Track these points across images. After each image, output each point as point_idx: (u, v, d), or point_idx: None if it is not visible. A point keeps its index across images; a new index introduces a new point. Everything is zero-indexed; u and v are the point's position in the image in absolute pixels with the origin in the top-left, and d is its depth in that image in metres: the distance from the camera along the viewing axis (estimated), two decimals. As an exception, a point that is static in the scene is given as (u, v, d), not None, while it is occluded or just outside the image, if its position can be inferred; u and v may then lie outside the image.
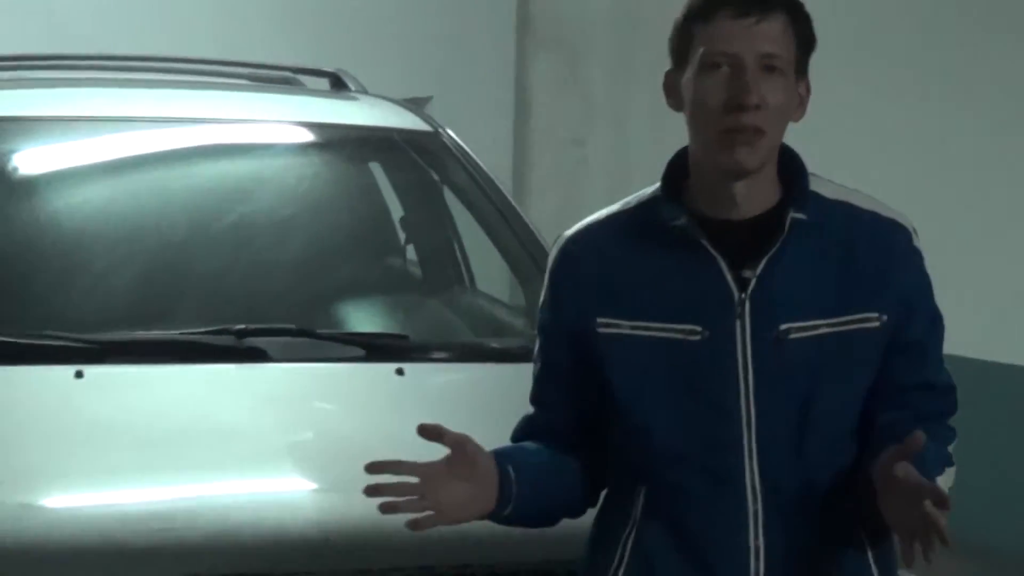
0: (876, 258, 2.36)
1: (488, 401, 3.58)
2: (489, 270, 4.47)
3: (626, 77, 8.32)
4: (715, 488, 2.35)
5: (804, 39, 2.35)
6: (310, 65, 5.04)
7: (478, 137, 4.65)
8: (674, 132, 2.45)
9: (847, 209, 2.39)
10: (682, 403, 2.36)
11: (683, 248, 2.35)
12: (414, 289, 4.49)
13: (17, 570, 2.70)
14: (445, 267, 4.59)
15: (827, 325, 2.33)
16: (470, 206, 4.38)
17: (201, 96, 4.62)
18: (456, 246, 4.59)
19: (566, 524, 2.75)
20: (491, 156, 4.79)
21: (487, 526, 2.91)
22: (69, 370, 3.36)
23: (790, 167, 2.39)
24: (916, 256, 2.41)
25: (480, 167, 4.37)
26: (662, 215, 2.37)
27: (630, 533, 2.42)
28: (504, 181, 4.56)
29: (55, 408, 3.28)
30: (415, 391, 3.53)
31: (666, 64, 2.44)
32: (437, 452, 3.28)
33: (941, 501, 2.13)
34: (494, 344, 4.05)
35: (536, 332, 2.58)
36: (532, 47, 8.20)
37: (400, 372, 3.54)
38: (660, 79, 2.43)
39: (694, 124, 2.34)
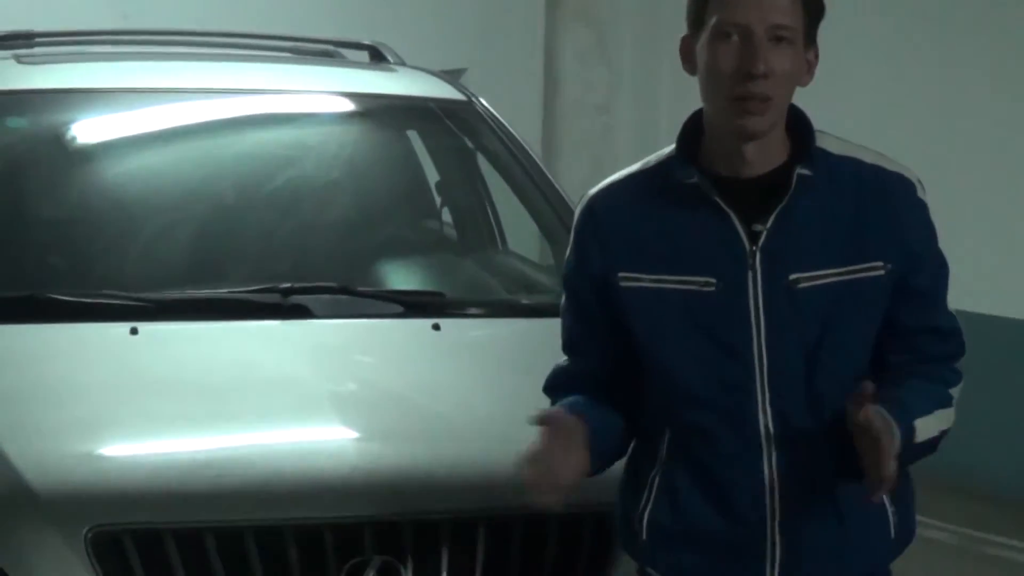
0: (881, 210, 2.37)
1: (519, 354, 3.61)
2: (520, 231, 4.47)
3: (651, 48, 8.29)
4: (730, 428, 2.38)
5: (813, 9, 2.34)
6: (350, 39, 5.03)
7: (510, 106, 4.64)
8: (696, 100, 2.44)
9: (853, 164, 2.39)
10: (699, 349, 2.38)
11: (698, 204, 2.36)
12: (449, 249, 4.48)
13: (80, 513, 2.71)
14: (478, 229, 4.58)
15: (835, 274, 2.35)
16: (502, 171, 4.37)
17: (248, 68, 4.61)
18: (489, 209, 4.58)
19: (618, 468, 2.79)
20: (522, 124, 4.79)
21: (512, 472, 2.96)
22: (125, 327, 3.37)
23: (798, 125, 2.40)
24: (920, 207, 2.41)
25: (512, 134, 4.36)
26: (677, 174, 2.39)
27: (657, 474, 2.45)
28: (534, 147, 4.55)
29: (112, 363, 3.30)
30: (450, 345, 3.53)
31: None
32: (470, 399, 3.30)
33: (882, 447, 2.19)
34: (525, 301, 4.05)
35: (562, 286, 2.58)
36: (561, 20, 8.18)
37: (436, 327, 3.54)
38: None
39: (706, 89, 2.36)
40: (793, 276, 2.34)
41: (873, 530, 2.41)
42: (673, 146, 2.44)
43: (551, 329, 3.75)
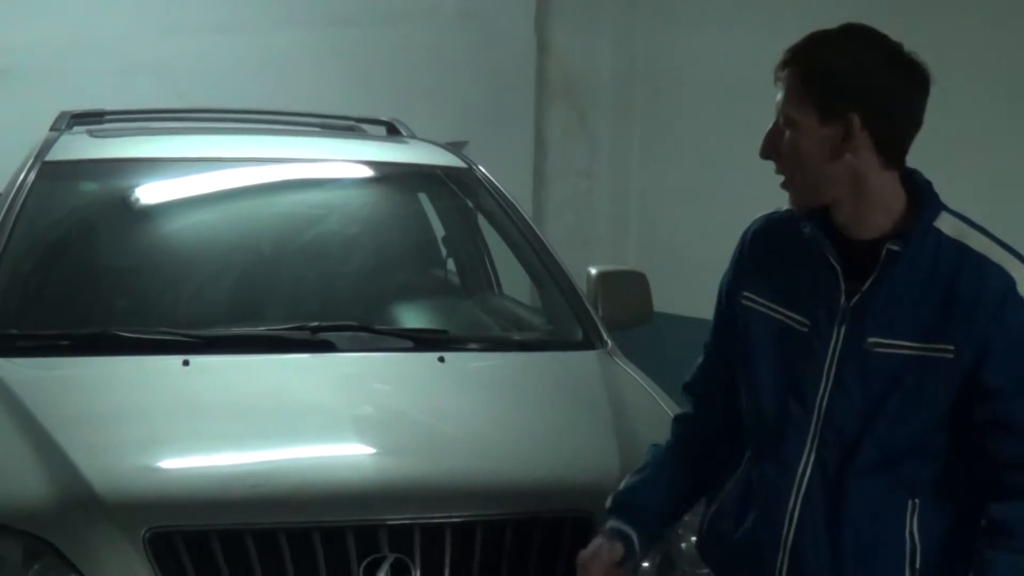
0: (969, 296, 2.13)
1: (512, 382, 3.64)
2: (513, 278, 4.48)
3: (624, 124, 8.29)
4: (777, 458, 2.29)
5: (814, 87, 2.16)
6: (370, 116, 5.07)
7: (504, 172, 4.65)
8: (666, 170, 2.45)
9: (960, 247, 2.16)
10: (778, 377, 2.31)
11: (817, 253, 2.26)
12: (453, 294, 4.49)
13: (139, 517, 2.71)
14: (477, 276, 4.59)
15: (909, 347, 2.16)
16: (498, 227, 4.37)
17: (284, 141, 4.66)
18: (486, 259, 4.60)
19: (594, 480, 2.87)
20: (514, 187, 4.80)
21: (520, 480, 2.96)
22: (178, 359, 3.38)
23: (920, 198, 2.22)
24: (1013, 301, 2.13)
25: (506, 196, 4.37)
26: (801, 223, 2.28)
27: (729, 482, 2.43)
28: (525, 207, 4.57)
29: (167, 389, 3.30)
30: (453, 374, 3.54)
31: (658, 115, 2.46)
32: (471, 420, 3.31)
33: None
34: (517, 337, 4.05)
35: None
36: (549, 100, 8.20)
37: (441, 359, 3.54)
38: (655, 128, 2.44)
39: None
40: (872, 339, 2.19)
41: None
42: None
43: (539, 361, 3.81)
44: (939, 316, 2.15)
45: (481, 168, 4.47)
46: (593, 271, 4.04)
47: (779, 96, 2.20)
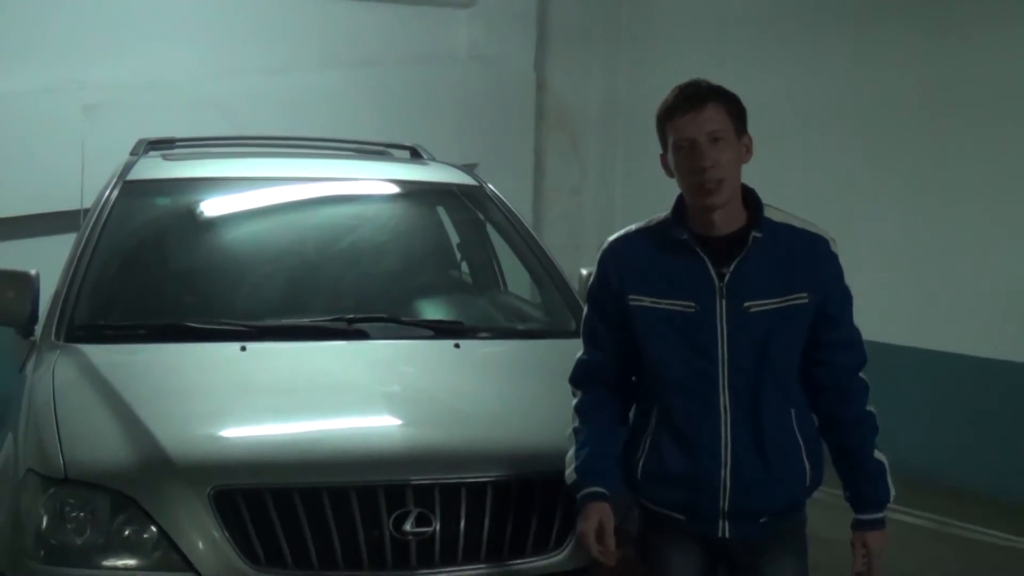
0: (805, 259, 2.51)
1: (516, 365, 3.64)
2: (517, 278, 4.48)
3: (610, 149, 8.31)
4: (700, 404, 2.52)
5: (735, 112, 2.48)
6: (396, 142, 5.07)
7: (509, 190, 4.65)
8: (644, 188, 2.58)
9: (788, 228, 2.54)
10: (681, 350, 2.52)
11: (685, 253, 2.53)
12: (466, 291, 4.49)
13: (205, 477, 2.72)
14: (487, 276, 4.58)
15: (774, 303, 2.49)
16: (504, 236, 4.37)
17: (324, 162, 4.65)
18: (494, 262, 4.59)
19: None
20: (517, 202, 4.81)
21: (524, 446, 2.95)
22: (236, 346, 3.39)
23: (751, 200, 2.54)
24: (832, 257, 2.53)
25: (511, 209, 4.37)
26: (672, 232, 2.55)
27: (647, 436, 2.59)
28: (526, 219, 4.57)
29: (227, 371, 3.30)
30: (467, 358, 3.53)
31: (637, 141, 2.57)
32: (482, 396, 3.30)
33: None
34: (520, 327, 4.07)
35: (585, 301, 2.75)
36: (546, 129, 8.22)
37: (457, 346, 3.55)
38: (635, 152, 2.58)
39: (681, 183, 2.52)
40: (747, 303, 2.48)
41: (792, 475, 2.54)
42: (667, 213, 2.59)
43: (539, 347, 3.81)
44: (788, 276, 2.49)
45: (489, 186, 4.46)
46: (584, 272, 4.03)
47: (700, 123, 2.44)
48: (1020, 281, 5.85)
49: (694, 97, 2.46)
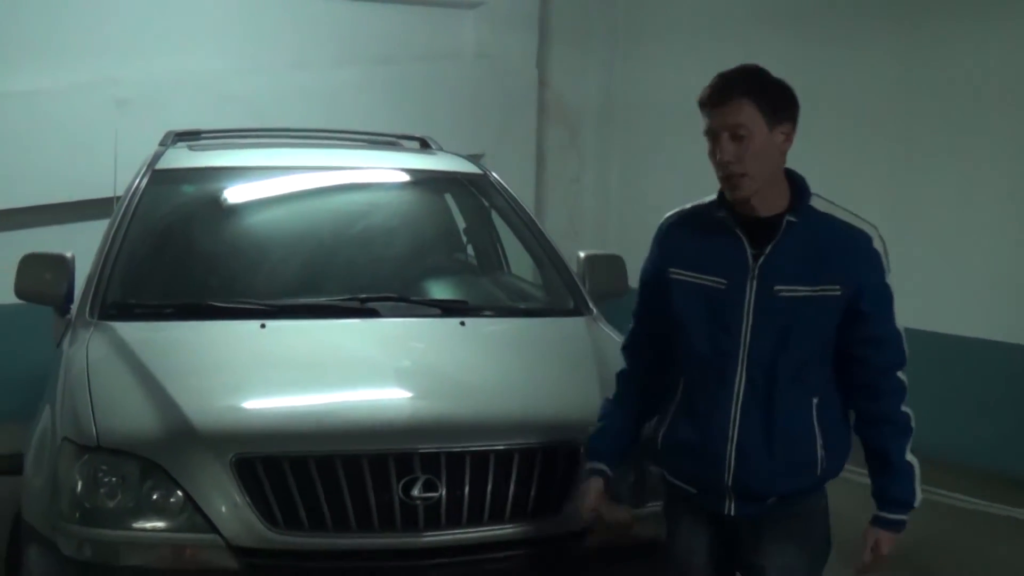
0: (842, 252, 2.34)
1: (518, 341, 3.61)
2: (519, 261, 4.46)
3: (606, 141, 8.29)
4: (717, 381, 2.40)
5: (764, 104, 2.30)
6: (407, 133, 5.04)
7: (512, 178, 4.64)
8: (638, 177, 2.48)
9: (830, 219, 2.37)
10: (708, 324, 2.41)
11: (725, 232, 2.39)
12: (471, 272, 4.47)
13: (227, 445, 2.71)
14: (491, 259, 4.56)
15: (804, 290, 2.33)
16: (507, 221, 4.34)
17: (339, 152, 4.62)
18: (498, 246, 4.57)
19: (581, 417, 2.86)
20: (520, 190, 4.78)
21: (524, 418, 2.94)
22: (256, 323, 3.37)
23: (798, 187, 2.39)
24: (872, 253, 2.36)
25: (513, 196, 4.34)
26: (715, 213, 2.42)
27: (671, 409, 2.52)
28: (528, 206, 4.55)
29: (247, 347, 3.29)
30: (472, 335, 3.51)
31: (632, 134, 2.48)
32: (485, 370, 3.29)
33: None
34: (522, 306, 4.04)
35: (639, 278, 2.63)
36: (547, 122, 8.19)
37: (463, 323, 3.54)
38: (630, 144, 2.48)
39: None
40: (777, 287, 2.34)
41: (799, 462, 2.39)
42: (714, 196, 2.45)
43: (539, 325, 3.80)
44: (824, 266, 2.33)
45: (494, 175, 4.43)
46: (582, 255, 4.03)
47: (721, 117, 2.31)
48: (994, 264, 5.81)
49: (719, 90, 2.32)
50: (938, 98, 6.03)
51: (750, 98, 2.30)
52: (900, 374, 2.39)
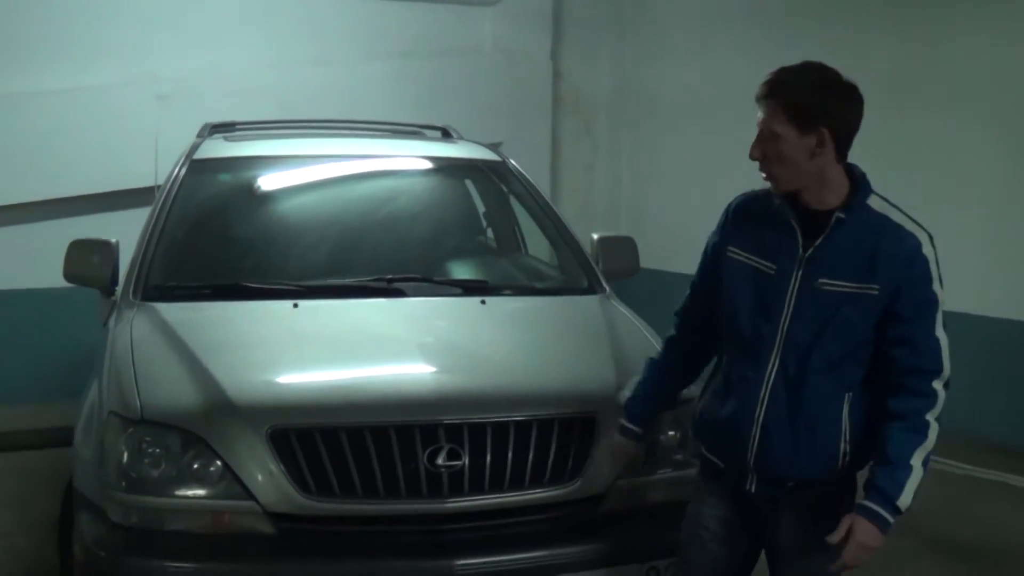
0: (887, 252, 2.22)
1: (535, 318, 3.59)
2: (536, 243, 4.44)
3: (618, 129, 8.26)
4: (752, 363, 2.34)
5: (792, 109, 2.21)
6: (429, 123, 5.02)
7: (529, 165, 4.61)
8: (648, 163, 2.42)
9: (883, 219, 2.25)
10: (752, 306, 2.36)
11: (782, 220, 2.31)
12: (491, 254, 4.44)
13: (262, 417, 2.71)
14: (509, 241, 4.54)
15: (846, 286, 2.23)
16: (524, 205, 4.32)
17: (366, 142, 4.60)
18: (516, 229, 4.54)
19: (596, 389, 2.91)
20: (536, 176, 4.76)
21: (542, 390, 2.92)
22: (289, 303, 3.36)
23: (857, 184, 2.28)
24: (919, 257, 2.22)
25: (530, 182, 4.32)
26: (774, 199, 2.33)
27: (710, 384, 2.49)
28: (544, 191, 4.52)
29: (281, 325, 3.28)
30: (492, 313, 3.49)
31: (642, 123, 2.42)
32: (504, 346, 3.27)
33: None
34: (538, 285, 4.02)
35: (703, 251, 2.55)
36: (562, 112, 8.17)
37: (483, 302, 3.51)
38: (640, 132, 2.42)
39: None
40: (820, 280, 2.25)
41: (821, 452, 2.29)
42: None
43: (556, 303, 3.79)
44: (868, 265, 2.22)
45: (512, 161, 4.41)
46: (595, 236, 4.00)
47: (762, 116, 2.25)
48: (964, 241, 5.79)
49: (760, 92, 2.25)
50: (931, 89, 5.99)
51: (779, 101, 2.22)
52: (935, 383, 2.23)
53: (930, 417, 2.23)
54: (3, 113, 6.22)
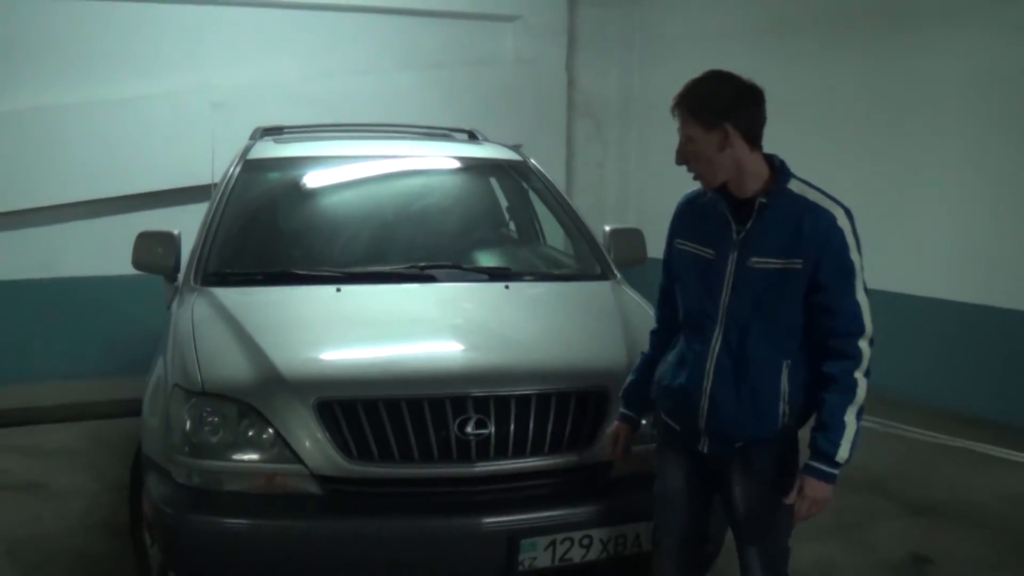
0: (807, 229, 2.23)
1: (553, 301, 3.57)
2: (553, 234, 4.42)
3: (626, 132, 8.22)
4: (700, 339, 2.36)
5: (697, 112, 2.25)
6: (457, 126, 4.99)
7: (547, 164, 4.57)
8: (654, 162, 2.41)
9: (801, 199, 2.26)
10: (698, 288, 2.38)
11: (717, 210, 2.34)
12: (513, 244, 4.41)
13: (310, 390, 2.70)
14: (530, 232, 4.51)
15: (775, 262, 2.25)
16: (543, 200, 4.29)
17: (401, 143, 4.58)
18: (535, 221, 4.51)
19: (608, 366, 2.90)
20: (553, 174, 4.73)
21: (560, 366, 2.90)
22: (332, 288, 3.36)
23: (776, 171, 2.30)
24: (834, 230, 2.22)
25: (548, 179, 4.29)
26: (709, 194, 2.37)
27: (670, 355, 2.50)
28: (560, 187, 4.49)
29: (326, 307, 3.28)
30: (515, 297, 3.48)
31: (648, 126, 2.42)
32: (526, 326, 3.25)
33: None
34: (556, 272, 3.99)
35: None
36: (576, 116, 8.12)
37: (507, 287, 3.50)
38: (646, 134, 2.43)
39: None
40: (752, 259, 2.27)
41: (763, 413, 2.30)
42: None
43: (572, 288, 3.77)
44: (792, 242, 2.24)
45: (532, 161, 4.38)
46: (607, 228, 3.98)
47: (678, 124, 2.30)
48: (939, 230, 5.79)
49: (672, 104, 2.31)
50: (902, 97, 5.96)
51: (687, 108, 2.27)
52: (860, 343, 2.24)
53: (858, 375, 2.24)
54: (78, 120, 6.25)
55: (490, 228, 4.40)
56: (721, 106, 2.24)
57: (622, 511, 2.72)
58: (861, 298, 2.25)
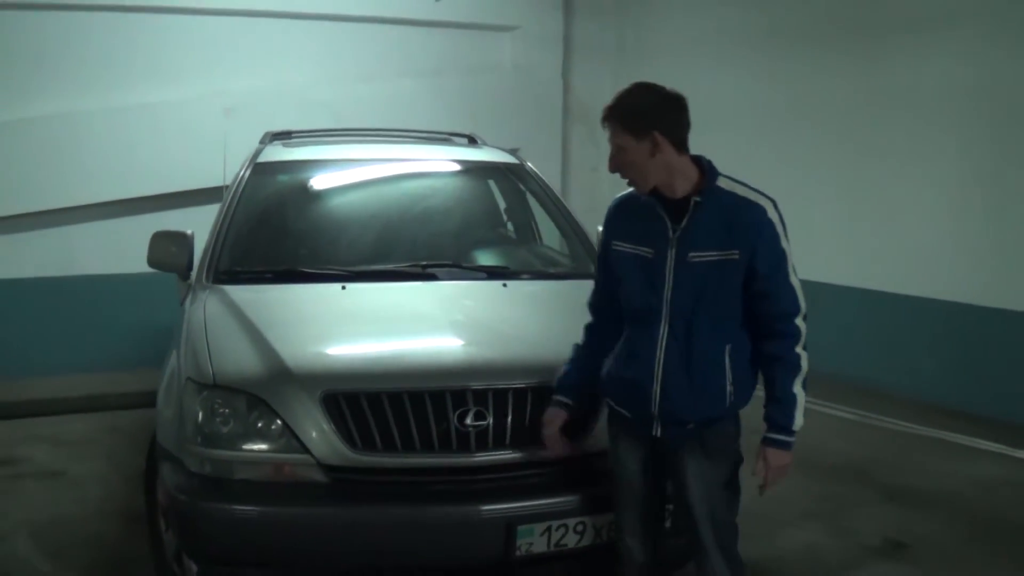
0: (740, 222, 2.31)
1: (549, 299, 3.56)
2: (549, 234, 4.41)
3: (619, 137, 8.24)
4: (647, 330, 2.40)
5: (626, 123, 2.31)
6: (458, 131, 4.99)
7: (543, 167, 4.57)
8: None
9: (732, 195, 2.34)
10: (640, 285, 2.41)
11: (652, 211, 2.39)
12: (511, 244, 4.40)
13: (316, 383, 2.69)
14: (527, 233, 4.50)
15: (712, 255, 2.31)
16: (540, 202, 4.29)
17: (405, 147, 4.56)
18: (532, 222, 4.51)
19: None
20: (550, 177, 4.72)
21: (555, 361, 2.85)
22: (338, 285, 3.35)
23: (705, 172, 2.37)
24: (766, 222, 2.30)
25: (544, 182, 4.28)
26: (643, 195, 2.41)
27: (617, 349, 2.52)
28: (556, 189, 4.49)
29: (331, 304, 3.27)
30: (513, 294, 3.47)
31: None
32: (523, 323, 3.24)
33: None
34: (552, 270, 3.98)
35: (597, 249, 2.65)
36: (570, 121, 8.14)
37: (505, 285, 3.50)
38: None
39: None
40: (691, 254, 2.33)
41: (712, 393, 2.36)
42: None
43: (566, 286, 3.75)
44: (727, 234, 2.30)
45: (529, 164, 4.37)
46: (600, 229, 3.95)
47: (608, 135, 2.34)
48: (921, 229, 5.79)
49: (602, 116, 2.35)
50: (891, 101, 5.95)
51: (615, 119, 2.32)
52: (797, 321, 2.32)
53: (799, 349, 2.33)
54: (98, 125, 6.25)
55: (489, 228, 4.39)
56: (650, 116, 2.30)
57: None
58: (794, 281, 2.34)
